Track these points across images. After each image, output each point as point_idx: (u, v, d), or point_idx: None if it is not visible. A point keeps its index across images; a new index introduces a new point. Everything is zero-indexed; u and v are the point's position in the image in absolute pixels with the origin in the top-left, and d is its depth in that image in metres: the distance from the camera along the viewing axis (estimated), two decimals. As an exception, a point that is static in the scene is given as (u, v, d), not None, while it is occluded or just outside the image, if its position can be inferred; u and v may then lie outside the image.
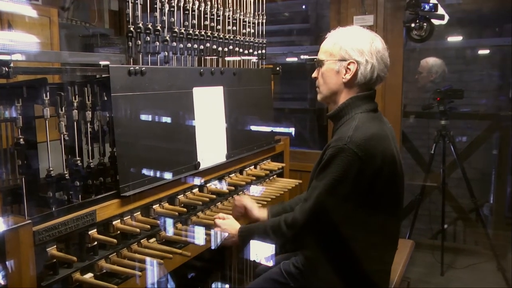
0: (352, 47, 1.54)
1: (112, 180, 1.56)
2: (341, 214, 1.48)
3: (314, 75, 1.67)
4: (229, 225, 1.72)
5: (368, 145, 1.42)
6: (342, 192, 1.44)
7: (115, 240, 1.37)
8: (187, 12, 1.81)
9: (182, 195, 1.74)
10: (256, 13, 2.31)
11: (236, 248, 2.46)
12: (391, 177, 1.49)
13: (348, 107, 1.57)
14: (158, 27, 1.67)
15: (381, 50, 1.56)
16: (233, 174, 2.10)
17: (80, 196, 1.44)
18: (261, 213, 1.86)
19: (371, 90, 1.60)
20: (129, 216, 1.49)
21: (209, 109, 1.92)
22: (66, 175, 1.40)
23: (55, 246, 1.24)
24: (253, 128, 2.28)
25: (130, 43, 1.56)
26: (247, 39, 2.25)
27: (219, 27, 2.02)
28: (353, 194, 1.44)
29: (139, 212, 1.54)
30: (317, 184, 1.48)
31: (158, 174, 1.61)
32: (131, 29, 1.56)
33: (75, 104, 1.41)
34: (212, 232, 1.71)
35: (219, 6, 2.00)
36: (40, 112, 1.33)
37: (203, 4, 1.91)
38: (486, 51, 5.02)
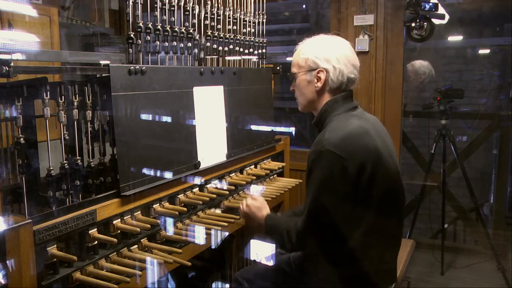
0: (317, 56, 1.60)
1: (112, 180, 1.56)
2: (335, 214, 1.50)
3: (291, 88, 1.74)
4: (257, 208, 1.76)
5: (346, 143, 1.45)
6: (331, 194, 1.47)
7: (115, 240, 1.37)
8: (187, 12, 1.81)
9: (183, 194, 1.74)
10: (257, 13, 2.31)
11: (237, 247, 2.46)
12: (378, 170, 1.49)
13: (326, 112, 1.63)
14: (159, 27, 1.66)
15: (348, 53, 1.61)
16: (233, 174, 2.09)
17: (80, 195, 1.44)
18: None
19: (346, 91, 1.64)
20: (130, 216, 1.49)
21: (209, 109, 1.92)
22: (67, 174, 1.40)
23: (55, 246, 1.24)
24: (254, 127, 2.28)
25: (130, 41, 1.56)
26: (247, 39, 2.24)
27: (220, 26, 2.01)
28: (343, 193, 1.46)
29: (139, 212, 1.54)
30: (308, 191, 1.53)
31: (158, 174, 1.61)
32: (131, 35, 1.56)
33: (75, 104, 1.40)
34: (212, 231, 1.71)
35: (219, 5, 2.00)
36: (40, 111, 1.33)
37: (203, 4, 1.91)
38: (486, 51, 5.02)
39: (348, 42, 1.65)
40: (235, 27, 2.15)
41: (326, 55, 1.59)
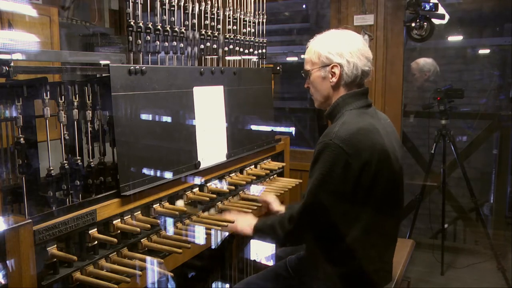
0: (330, 52, 1.60)
1: (113, 180, 1.56)
2: (332, 208, 1.51)
3: (306, 85, 1.74)
4: (243, 221, 1.79)
5: (353, 139, 1.45)
6: (331, 187, 1.48)
7: (115, 240, 1.37)
8: (187, 11, 1.81)
9: (183, 194, 1.74)
10: (257, 13, 2.31)
11: (237, 247, 2.46)
12: (382, 170, 1.49)
13: (339, 106, 1.63)
14: (159, 27, 1.66)
15: (360, 46, 1.60)
16: (233, 174, 2.09)
17: (80, 195, 1.44)
18: (280, 208, 1.93)
19: (361, 86, 1.64)
20: (130, 216, 1.49)
21: (209, 109, 1.92)
22: (67, 174, 1.40)
23: (55, 246, 1.24)
24: (254, 127, 2.28)
25: (130, 37, 1.56)
26: (247, 39, 2.24)
27: (220, 26, 2.01)
28: (343, 189, 1.47)
29: (139, 212, 1.54)
30: (309, 181, 1.54)
31: (158, 174, 1.61)
32: (131, 23, 1.55)
33: (75, 104, 1.40)
34: (212, 231, 1.71)
35: (219, 5, 2.00)
36: (40, 111, 1.33)
37: (203, 4, 1.91)
38: (486, 51, 5.02)
39: (359, 35, 1.65)
40: (235, 27, 2.15)
41: (339, 49, 1.58)
